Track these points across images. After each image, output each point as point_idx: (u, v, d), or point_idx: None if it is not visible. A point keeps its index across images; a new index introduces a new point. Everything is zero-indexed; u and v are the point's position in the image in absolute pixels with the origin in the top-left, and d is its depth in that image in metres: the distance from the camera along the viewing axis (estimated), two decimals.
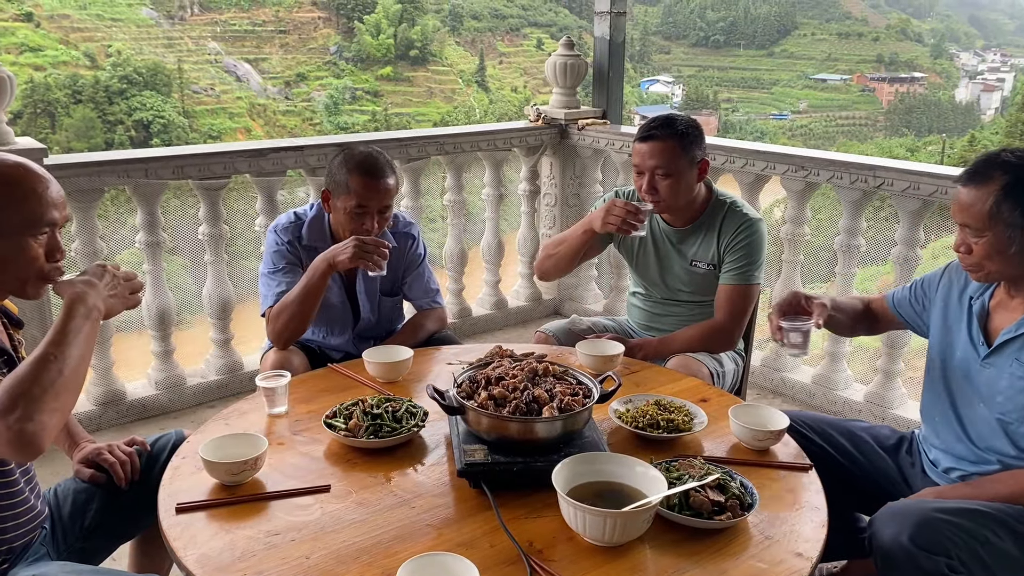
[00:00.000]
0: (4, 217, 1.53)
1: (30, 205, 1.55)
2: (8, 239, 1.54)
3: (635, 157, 2.59)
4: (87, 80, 38.69)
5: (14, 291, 1.63)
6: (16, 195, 1.54)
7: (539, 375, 1.88)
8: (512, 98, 51.16)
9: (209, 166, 3.56)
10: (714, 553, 1.52)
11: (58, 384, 1.43)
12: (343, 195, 2.50)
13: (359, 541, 1.54)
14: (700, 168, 2.60)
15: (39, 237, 1.57)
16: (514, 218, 4.99)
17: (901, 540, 1.67)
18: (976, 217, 1.84)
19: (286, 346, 2.52)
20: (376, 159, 2.52)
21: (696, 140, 2.56)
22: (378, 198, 2.50)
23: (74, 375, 1.47)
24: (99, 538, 1.88)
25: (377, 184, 2.49)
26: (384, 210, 2.54)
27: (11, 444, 1.38)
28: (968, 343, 2.00)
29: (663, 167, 2.52)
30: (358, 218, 2.50)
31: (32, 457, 1.42)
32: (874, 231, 9.18)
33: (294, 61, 49.79)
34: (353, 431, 1.87)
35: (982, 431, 1.96)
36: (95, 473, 1.87)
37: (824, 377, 3.81)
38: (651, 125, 2.56)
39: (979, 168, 1.86)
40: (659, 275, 2.76)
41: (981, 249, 1.86)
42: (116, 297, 1.64)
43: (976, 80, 66.96)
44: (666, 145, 2.52)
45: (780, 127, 58.30)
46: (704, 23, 71.34)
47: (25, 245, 1.55)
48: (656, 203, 2.58)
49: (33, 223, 1.55)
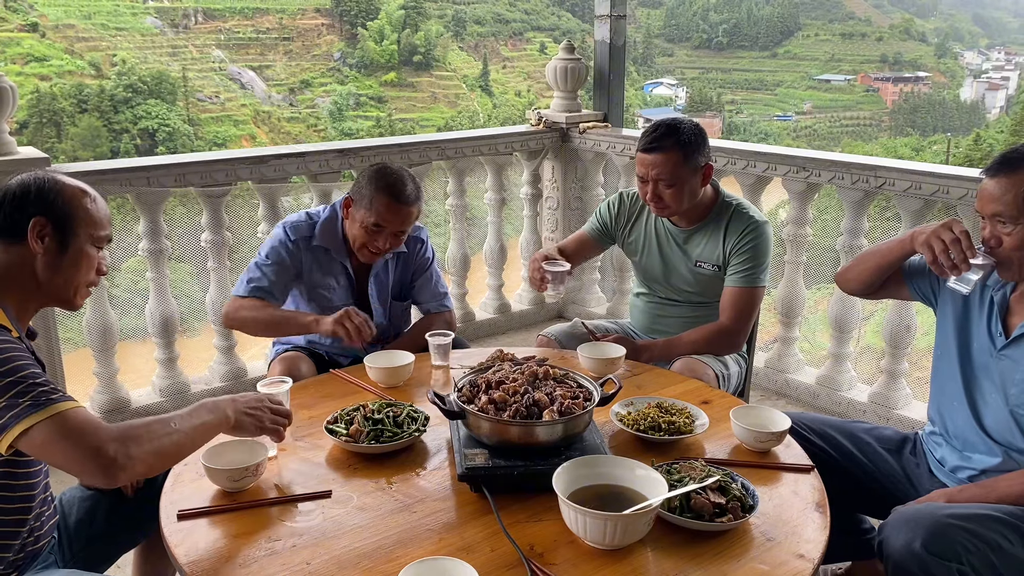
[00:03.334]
0: (79, 226, 1.68)
1: (98, 218, 1.71)
2: (78, 246, 1.68)
3: (638, 166, 2.60)
4: (92, 89, 38.87)
5: (63, 298, 1.72)
6: (90, 209, 1.70)
7: (540, 379, 1.88)
8: (516, 102, 51.20)
9: (211, 173, 3.57)
10: (716, 555, 1.51)
11: (164, 445, 1.54)
12: (364, 209, 2.50)
13: (360, 546, 1.54)
14: (704, 173, 2.59)
15: (98, 250, 1.73)
16: (516, 222, 5.00)
17: (914, 547, 1.66)
18: (1009, 204, 1.83)
19: (229, 328, 2.55)
20: (406, 185, 2.51)
21: (699, 147, 2.55)
22: (397, 222, 2.50)
23: (176, 448, 1.58)
24: (103, 545, 1.89)
25: (400, 209, 2.49)
26: (400, 234, 2.54)
27: (101, 467, 1.46)
28: (986, 333, 1.99)
29: (665, 178, 2.53)
30: (372, 235, 2.50)
31: (106, 484, 1.51)
32: (880, 231, 9.17)
33: (298, 68, 49.94)
34: (354, 436, 1.87)
35: (995, 423, 1.95)
36: None
37: (828, 378, 3.80)
38: (653, 135, 2.55)
39: (1007, 158, 1.86)
40: (663, 274, 2.76)
41: (1014, 240, 1.85)
42: (252, 418, 1.72)
43: (981, 79, 66.71)
44: (668, 156, 2.51)
45: (784, 128, 58.18)
46: (707, 25, 71.27)
47: (89, 254, 1.71)
48: (660, 210, 2.61)
49: (99, 236, 1.72)
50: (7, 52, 38.95)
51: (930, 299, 2.16)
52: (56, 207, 1.65)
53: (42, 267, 1.66)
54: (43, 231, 1.64)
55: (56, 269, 1.67)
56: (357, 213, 2.53)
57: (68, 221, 1.66)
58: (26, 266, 1.65)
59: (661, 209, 2.61)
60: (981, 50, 75.55)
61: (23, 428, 1.44)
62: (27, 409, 1.45)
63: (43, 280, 1.67)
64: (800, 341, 4.06)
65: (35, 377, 1.49)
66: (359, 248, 2.56)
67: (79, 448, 1.45)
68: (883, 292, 2.27)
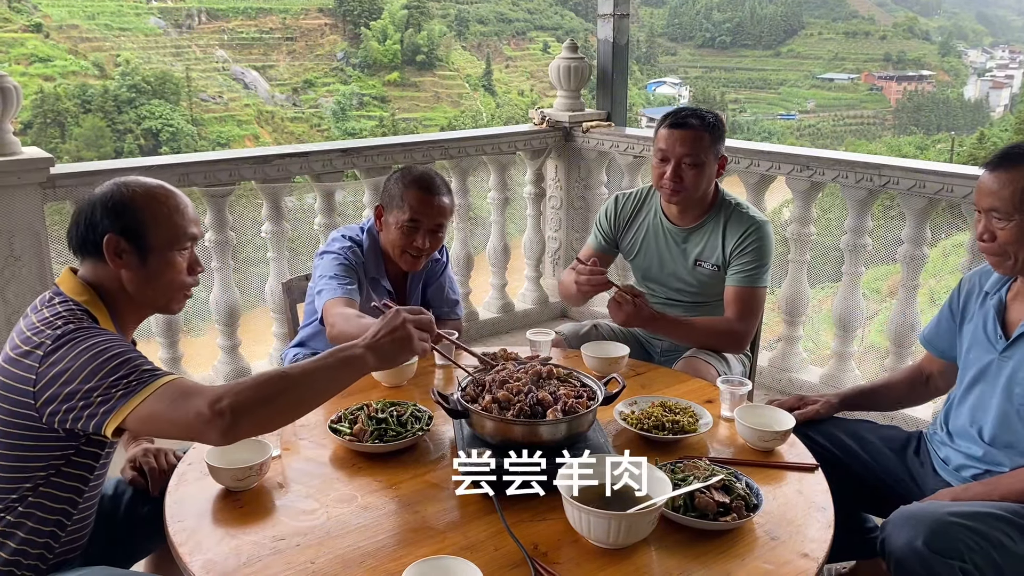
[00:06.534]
0: (154, 234, 1.65)
1: (175, 221, 1.68)
2: (158, 254, 1.66)
3: (662, 143, 2.54)
4: (96, 90, 38.98)
5: (159, 306, 1.73)
6: (163, 212, 1.67)
7: (543, 378, 1.88)
8: (519, 101, 51.23)
9: (215, 173, 3.58)
10: (720, 554, 1.51)
11: (271, 394, 1.48)
12: (396, 209, 2.48)
13: (364, 545, 1.54)
14: (720, 164, 2.59)
15: (183, 252, 1.70)
16: (520, 221, 5.00)
17: (916, 545, 1.66)
18: (1006, 200, 1.84)
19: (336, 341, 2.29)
20: (433, 177, 2.51)
21: (722, 135, 2.56)
22: (432, 214, 2.48)
23: (291, 397, 1.51)
24: (124, 546, 1.89)
25: (432, 200, 2.47)
26: (437, 228, 2.51)
27: (208, 426, 1.44)
28: (985, 339, 1.99)
29: (692, 155, 2.50)
30: (409, 234, 2.47)
31: (221, 442, 1.48)
32: (883, 230, 9.15)
33: (301, 68, 50.00)
34: (358, 436, 1.87)
35: (998, 423, 1.95)
36: (136, 476, 1.91)
37: (832, 377, 3.80)
38: (683, 114, 2.54)
39: (1008, 153, 1.87)
40: (661, 274, 2.74)
41: (1008, 235, 1.86)
42: (396, 344, 1.58)
43: (985, 77, 66.56)
44: (698, 134, 2.50)
45: (788, 127, 58.11)
46: (710, 24, 71.20)
47: (173, 259, 1.68)
48: (676, 192, 2.54)
49: (178, 238, 1.68)
50: (11, 53, 39.06)
51: (955, 343, 2.16)
52: (126, 220, 1.63)
53: (128, 281, 1.66)
54: (119, 247, 1.63)
55: (143, 281, 1.67)
56: (390, 217, 2.51)
57: (141, 233, 1.64)
58: (115, 281, 1.66)
59: (676, 192, 2.54)
60: (985, 48, 75.36)
61: (130, 408, 1.46)
62: (134, 387, 1.47)
63: (134, 293, 1.67)
64: (804, 340, 4.05)
65: (136, 359, 1.51)
66: (400, 255, 2.52)
67: (181, 412, 1.45)
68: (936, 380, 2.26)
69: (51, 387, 1.49)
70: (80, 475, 1.63)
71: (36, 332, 1.55)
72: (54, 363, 1.50)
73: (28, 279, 3.15)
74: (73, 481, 1.63)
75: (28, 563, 1.62)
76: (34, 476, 1.58)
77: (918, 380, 2.28)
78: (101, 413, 1.47)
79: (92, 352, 1.49)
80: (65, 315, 1.56)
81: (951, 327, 2.15)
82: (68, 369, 1.49)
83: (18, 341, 1.56)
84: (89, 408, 1.48)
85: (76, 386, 1.48)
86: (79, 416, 1.49)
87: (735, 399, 2.03)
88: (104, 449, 1.65)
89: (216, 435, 1.45)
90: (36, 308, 1.63)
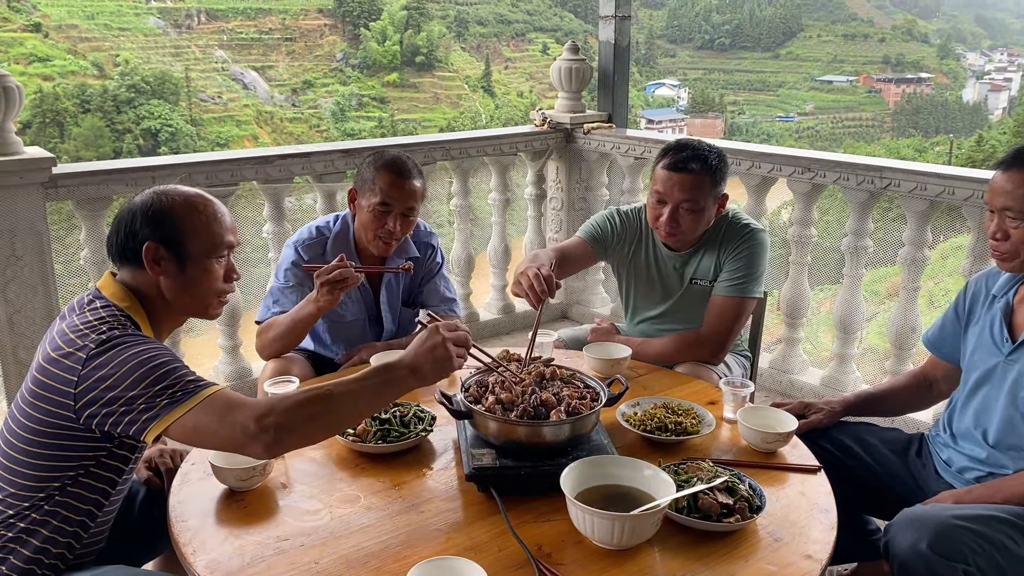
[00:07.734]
0: (192, 243, 1.67)
1: (213, 229, 1.70)
2: (196, 262, 1.68)
3: (660, 184, 2.44)
4: (95, 89, 38.98)
5: (197, 313, 1.75)
6: (202, 221, 1.69)
7: (546, 379, 1.88)
8: (518, 103, 51.26)
9: (216, 173, 3.57)
10: (723, 556, 1.51)
11: (316, 411, 1.51)
12: (368, 192, 2.51)
13: (368, 546, 1.55)
14: (720, 203, 2.49)
15: (220, 260, 1.72)
16: (521, 222, 5.00)
17: (920, 547, 1.66)
18: (1019, 199, 1.85)
19: (269, 359, 2.51)
20: (405, 161, 2.54)
21: (724, 176, 2.46)
22: (403, 197, 2.50)
23: (334, 412, 1.53)
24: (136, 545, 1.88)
25: (403, 183, 2.50)
26: (408, 212, 2.53)
27: (252, 440, 1.47)
28: (991, 341, 2.00)
29: (691, 202, 2.40)
30: (380, 217, 2.50)
31: (265, 455, 1.52)
32: (883, 232, 9.15)
33: (300, 68, 50.02)
34: (361, 436, 1.87)
35: (1002, 426, 1.95)
36: (151, 476, 1.92)
37: (833, 379, 3.80)
38: (683, 154, 2.41)
39: (1020, 153, 1.88)
40: (663, 301, 2.66)
41: (1020, 234, 1.86)
42: (438, 364, 1.58)
43: (983, 80, 66.71)
44: (699, 180, 2.39)
45: (786, 129, 58.21)
46: (709, 26, 71.31)
47: (210, 267, 1.70)
48: (671, 236, 2.47)
49: (216, 246, 1.70)
50: (10, 52, 39.05)
51: (959, 347, 2.15)
52: (165, 228, 1.65)
53: (167, 288, 1.68)
54: (157, 255, 1.65)
55: (181, 288, 1.69)
56: (363, 200, 2.53)
57: (180, 241, 1.66)
58: (154, 287, 1.68)
59: (671, 235, 2.46)
60: (984, 51, 75.51)
61: (175, 417, 1.48)
62: (179, 398, 1.49)
63: (172, 300, 1.69)
64: (804, 342, 4.06)
65: (181, 369, 1.53)
66: (372, 238, 2.54)
67: (226, 425, 1.48)
68: (941, 385, 2.26)
69: (93, 390, 1.50)
70: (109, 477, 1.64)
71: (79, 334, 1.56)
72: (98, 366, 1.51)
73: (29, 279, 3.14)
74: (101, 483, 1.64)
75: (49, 562, 1.62)
76: (63, 475, 1.59)
77: (922, 386, 2.28)
78: (143, 420, 1.48)
79: (138, 359, 1.51)
80: (109, 320, 1.58)
81: (956, 330, 2.15)
82: (113, 374, 1.50)
83: (60, 342, 1.57)
84: (131, 414, 1.49)
85: (120, 392, 1.49)
86: (119, 421, 1.50)
87: (738, 401, 2.04)
88: (134, 453, 1.66)
89: (260, 449, 1.48)
90: (75, 309, 1.64)
